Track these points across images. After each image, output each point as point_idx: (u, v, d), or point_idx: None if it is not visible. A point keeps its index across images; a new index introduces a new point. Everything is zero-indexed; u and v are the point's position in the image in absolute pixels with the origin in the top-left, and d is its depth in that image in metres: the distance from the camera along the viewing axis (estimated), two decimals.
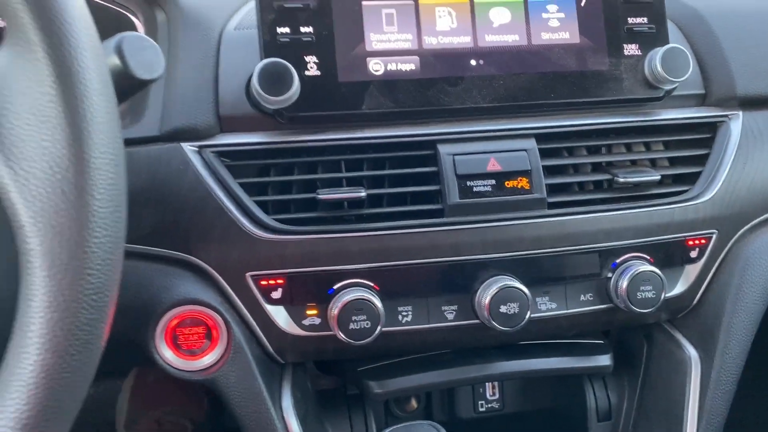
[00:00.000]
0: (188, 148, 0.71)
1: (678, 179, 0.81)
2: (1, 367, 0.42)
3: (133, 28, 0.86)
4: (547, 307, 0.77)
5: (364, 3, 0.73)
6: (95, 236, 0.41)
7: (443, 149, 0.74)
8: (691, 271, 0.82)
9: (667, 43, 0.78)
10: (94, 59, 0.43)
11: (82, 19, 0.43)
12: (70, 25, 0.42)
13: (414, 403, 0.99)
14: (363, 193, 0.71)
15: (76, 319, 0.41)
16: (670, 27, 0.82)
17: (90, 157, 0.41)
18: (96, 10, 0.58)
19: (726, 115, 0.83)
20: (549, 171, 0.76)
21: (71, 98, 0.41)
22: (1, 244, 0.59)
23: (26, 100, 0.41)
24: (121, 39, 0.55)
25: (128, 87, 0.56)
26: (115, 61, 0.54)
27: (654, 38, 0.79)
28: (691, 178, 0.81)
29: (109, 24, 0.82)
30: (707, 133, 0.83)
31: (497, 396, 1.02)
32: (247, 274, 0.71)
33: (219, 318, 0.71)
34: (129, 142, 0.69)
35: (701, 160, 0.81)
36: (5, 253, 0.60)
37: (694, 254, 0.81)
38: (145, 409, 1.33)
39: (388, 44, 0.74)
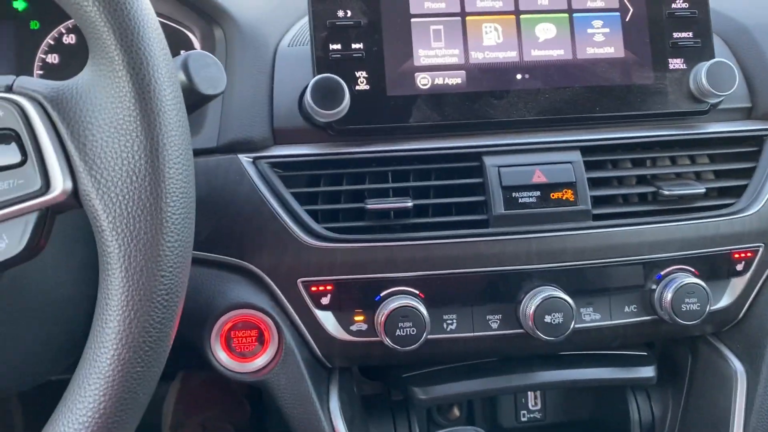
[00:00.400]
0: (244, 159, 0.74)
1: (724, 192, 0.82)
2: (80, 361, 0.45)
3: (190, 43, 0.91)
4: (591, 317, 0.78)
5: (413, 20, 0.76)
6: (168, 240, 0.45)
7: (489, 161, 0.76)
8: (738, 284, 0.81)
9: (713, 57, 0.79)
10: (169, 77, 0.46)
11: (158, 40, 0.46)
12: (149, 46, 0.45)
13: (456, 412, 1.01)
14: (409, 204, 0.73)
15: (149, 317, 0.44)
16: (716, 41, 0.83)
17: (165, 168, 0.45)
18: None
19: None
20: (594, 183, 0.77)
21: (149, 113, 0.44)
22: (77, 249, 0.63)
23: (108, 115, 0.45)
24: (187, 57, 0.58)
25: (193, 102, 0.59)
26: (182, 77, 0.58)
27: (699, 52, 0.79)
28: (737, 191, 0.81)
29: (169, 40, 0.86)
30: (754, 147, 0.83)
31: (539, 406, 1.02)
32: (299, 280, 0.74)
33: (271, 322, 0.74)
34: None
35: (748, 173, 0.81)
36: (81, 258, 0.64)
37: (740, 267, 0.81)
38: (189, 412, 1.37)
39: (435, 59, 0.76)
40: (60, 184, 0.44)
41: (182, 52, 0.62)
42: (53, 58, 0.94)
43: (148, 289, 0.44)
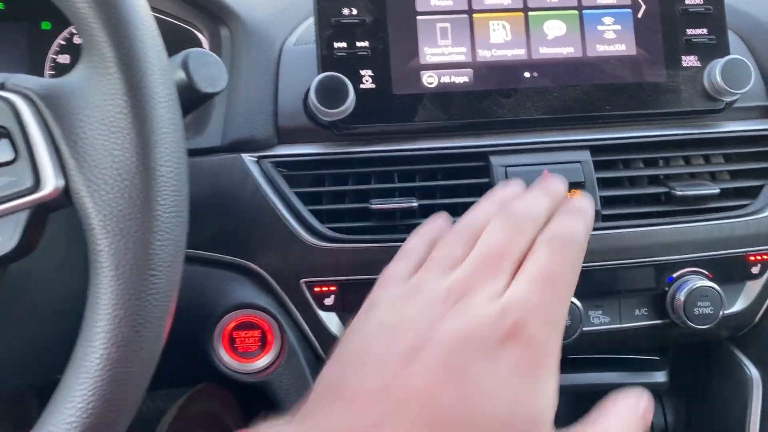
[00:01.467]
0: (248, 158, 0.74)
1: (739, 193, 0.79)
2: (69, 361, 0.45)
3: (199, 43, 0.91)
4: (600, 321, 0.77)
5: (419, 17, 0.75)
6: (158, 239, 0.44)
7: (495, 161, 0.74)
8: (753, 288, 0.79)
9: (728, 54, 0.77)
10: (162, 75, 0.46)
11: (151, 38, 0.46)
12: (142, 44, 0.45)
13: None
14: (415, 204, 0.72)
15: (139, 316, 0.44)
16: (731, 37, 0.80)
17: (156, 166, 0.44)
18: (165, 27, 0.61)
19: None
20: (604, 183, 0.75)
21: (140, 111, 0.44)
22: (83, 247, 0.63)
23: (99, 112, 0.44)
24: (187, 55, 0.58)
25: (193, 100, 0.59)
26: (181, 75, 0.58)
27: (714, 49, 0.77)
28: (754, 192, 0.79)
29: (177, 39, 0.87)
30: None
31: None
32: (302, 281, 0.73)
33: (273, 322, 0.74)
34: (193, 153, 0.73)
35: (764, 173, 0.79)
36: (86, 256, 0.64)
37: (755, 270, 0.78)
38: None
39: (442, 57, 0.75)
40: (51, 181, 0.44)
41: None
42: (64, 59, 0.94)
43: (137, 288, 0.43)
